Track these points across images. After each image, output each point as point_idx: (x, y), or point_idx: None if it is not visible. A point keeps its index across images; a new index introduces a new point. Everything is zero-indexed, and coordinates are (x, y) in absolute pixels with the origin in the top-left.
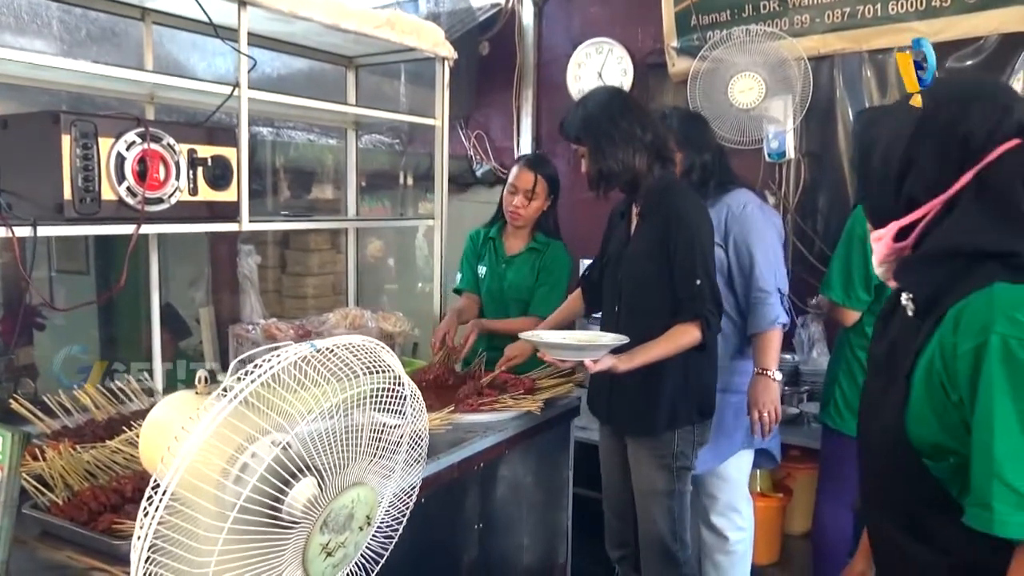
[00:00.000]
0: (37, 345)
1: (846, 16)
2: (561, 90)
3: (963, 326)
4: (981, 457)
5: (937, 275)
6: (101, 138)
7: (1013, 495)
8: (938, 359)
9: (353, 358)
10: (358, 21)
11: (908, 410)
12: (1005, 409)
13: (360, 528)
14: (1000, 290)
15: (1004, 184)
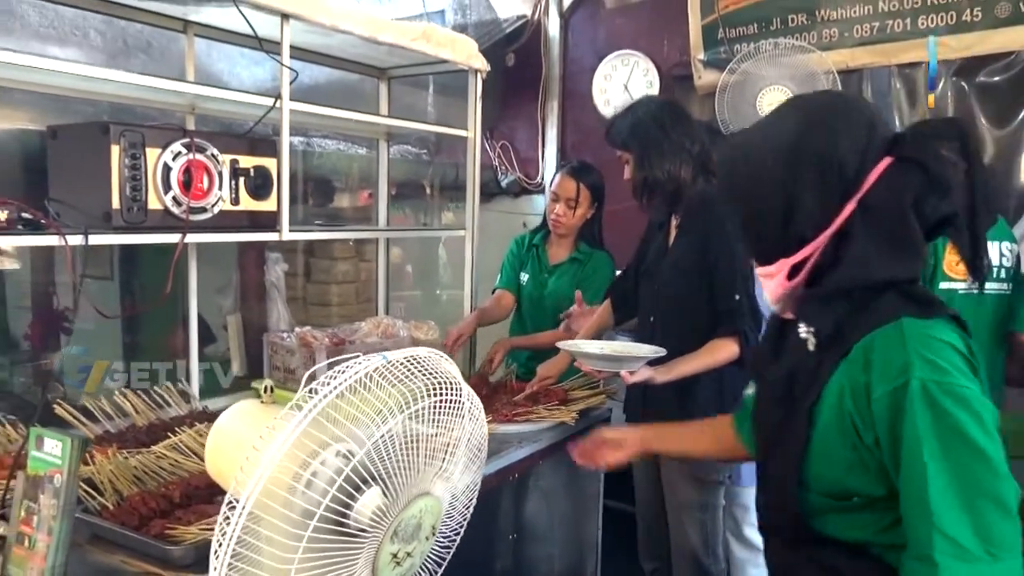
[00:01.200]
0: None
1: (875, 30)
2: (586, 102)
3: (876, 366)
4: (916, 510)
5: (838, 310)
6: (148, 148)
7: (952, 546)
8: (848, 398)
9: (416, 368)
10: (395, 34)
11: (811, 447)
12: (935, 457)
13: (426, 538)
14: (910, 327)
15: (887, 207)
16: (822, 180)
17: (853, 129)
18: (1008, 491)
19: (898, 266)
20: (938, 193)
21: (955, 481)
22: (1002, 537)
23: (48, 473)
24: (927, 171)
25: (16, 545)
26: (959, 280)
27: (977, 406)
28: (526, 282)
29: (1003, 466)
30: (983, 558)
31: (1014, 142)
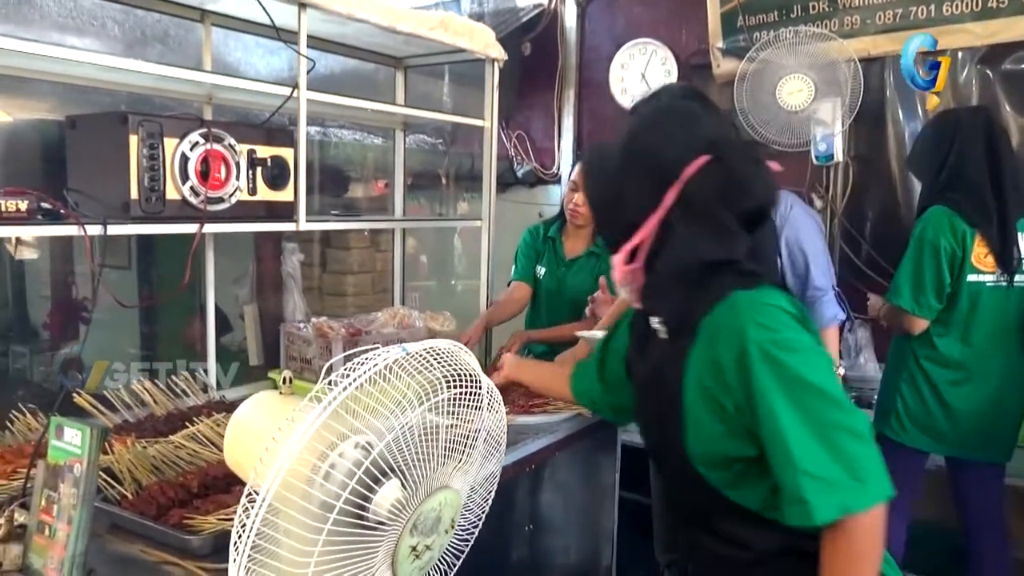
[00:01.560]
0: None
1: (898, 17)
2: (603, 91)
3: (719, 338)
4: (780, 458)
5: (677, 295)
6: (166, 138)
7: (818, 482)
8: (707, 375)
9: (435, 360)
10: (413, 23)
11: (687, 430)
12: (784, 406)
13: (446, 531)
14: (740, 299)
15: (702, 199)
16: (644, 171)
17: (675, 128)
18: (858, 421)
19: (717, 249)
20: (742, 191)
21: (807, 423)
22: (864, 462)
23: (68, 462)
24: (731, 171)
25: (37, 534)
26: (987, 272)
27: (809, 354)
28: (543, 276)
29: (846, 401)
30: (850, 484)
31: None
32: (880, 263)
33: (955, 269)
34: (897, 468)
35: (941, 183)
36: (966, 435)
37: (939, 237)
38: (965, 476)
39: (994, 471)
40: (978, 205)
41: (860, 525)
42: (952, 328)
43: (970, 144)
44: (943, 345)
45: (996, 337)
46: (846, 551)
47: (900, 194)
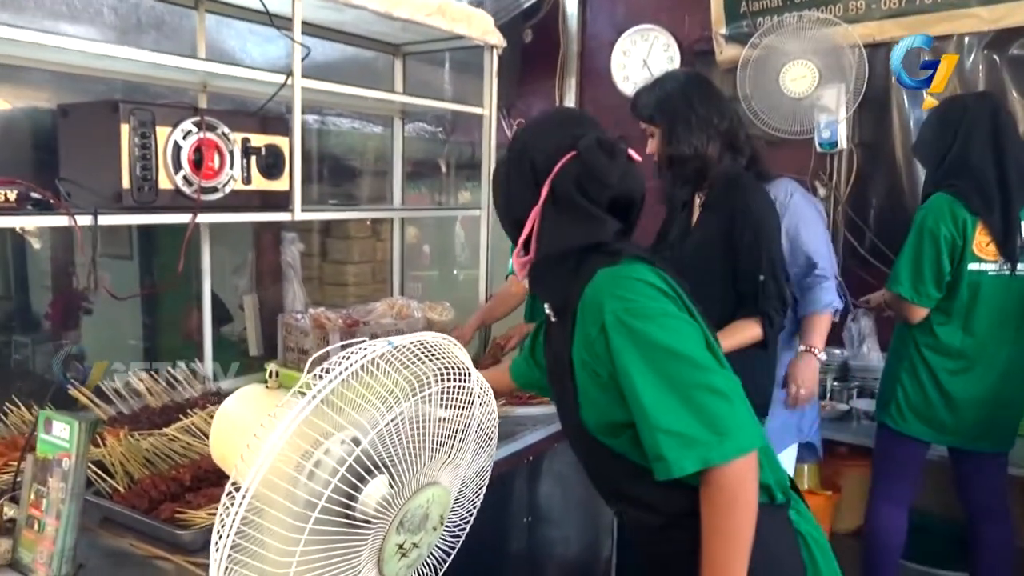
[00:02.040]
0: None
1: (904, 2)
2: (605, 78)
3: (587, 314)
4: (640, 418)
5: (555, 280)
6: (159, 127)
7: (674, 438)
8: (583, 350)
9: (424, 354)
10: (410, 9)
11: (581, 402)
12: (639, 369)
13: (434, 528)
14: (602, 275)
15: (565, 191)
16: (520, 172)
17: (547, 132)
18: (719, 380)
19: (581, 235)
20: (597, 181)
21: (663, 383)
22: (725, 418)
23: (57, 456)
24: (585, 164)
25: (26, 528)
26: (989, 261)
27: (664, 319)
28: None
29: (707, 361)
30: (710, 440)
31: None
32: (884, 251)
33: (955, 258)
34: (897, 457)
35: (945, 170)
36: (967, 425)
37: (939, 225)
38: (967, 466)
39: (996, 460)
40: (981, 192)
41: (724, 477)
42: (953, 317)
43: (975, 131)
44: (944, 334)
45: (997, 326)
46: (715, 502)
47: (905, 182)
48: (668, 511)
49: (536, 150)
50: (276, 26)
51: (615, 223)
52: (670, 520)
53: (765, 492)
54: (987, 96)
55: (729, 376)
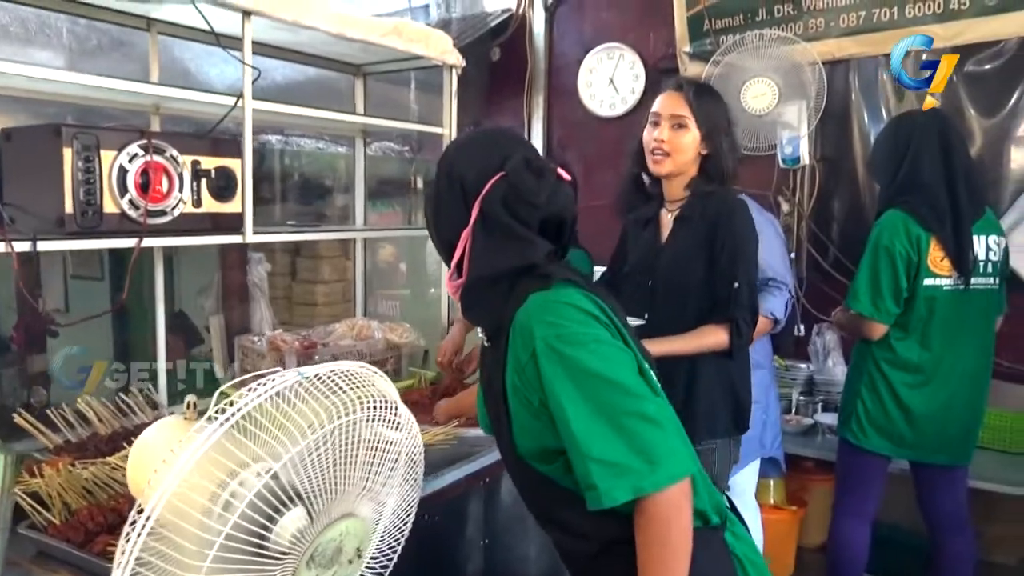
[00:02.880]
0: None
1: (862, 20)
2: (572, 96)
3: (518, 339)
4: (571, 447)
5: (487, 303)
6: (103, 151)
7: (606, 467)
8: (515, 375)
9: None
10: (364, 30)
11: (513, 428)
12: (569, 397)
13: (349, 561)
14: (533, 300)
15: (493, 213)
16: (449, 193)
17: (476, 152)
18: (651, 407)
19: (511, 257)
20: (525, 201)
21: (595, 411)
22: (657, 446)
23: None
24: (513, 185)
25: None
26: (944, 276)
27: (595, 346)
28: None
29: (638, 388)
30: (642, 468)
31: (1002, 131)
32: (847, 265)
33: (911, 273)
34: (859, 472)
35: (897, 186)
36: (926, 439)
37: (894, 242)
38: (928, 479)
39: (957, 473)
40: (932, 208)
41: (657, 505)
42: (911, 332)
43: (924, 148)
44: (902, 349)
45: (954, 340)
46: (649, 531)
47: (866, 196)
48: (601, 539)
49: (466, 170)
50: (223, 47)
51: (546, 244)
52: (603, 548)
53: (699, 516)
54: (936, 113)
55: (661, 403)
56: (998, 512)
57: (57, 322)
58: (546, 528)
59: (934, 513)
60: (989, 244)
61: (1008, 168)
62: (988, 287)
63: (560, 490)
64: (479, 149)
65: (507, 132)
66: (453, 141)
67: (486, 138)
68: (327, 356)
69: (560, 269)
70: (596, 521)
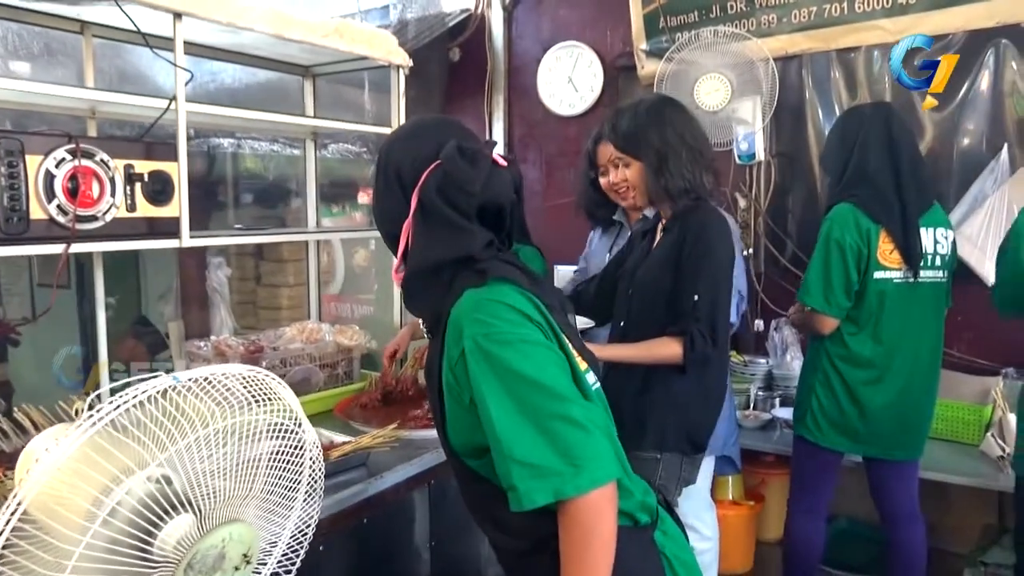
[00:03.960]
0: (11, 362)
1: (813, 15)
2: (532, 94)
3: (449, 336)
4: (494, 446)
5: (424, 296)
6: (28, 156)
7: (525, 469)
8: (447, 371)
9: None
10: (304, 31)
11: (447, 423)
12: (495, 396)
13: (236, 568)
14: (467, 297)
15: (430, 202)
16: (388, 185)
17: (411, 142)
18: (577, 411)
19: (448, 247)
20: (459, 189)
21: (519, 412)
22: (581, 449)
23: None
24: (447, 172)
25: None
26: (893, 269)
27: (523, 346)
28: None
29: (566, 391)
30: (564, 471)
31: (952, 124)
32: (804, 260)
33: (862, 267)
34: (814, 469)
35: (846, 180)
36: (881, 435)
37: (844, 235)
38: (880, 473)
39: (909, 467)
40: (880, 201)
41: (579, 509)
42: (862, 326)
43: (871, 140)
44: (854, 344)
45: (904, 334)
46: (571, 534)
47: (821, 191)
48: (531, 536)
49: (402, 161)
50: (151, 47)
51: (486, 233)
52: (533, 545)
53: (627, 516)
54: (881, 106)
55: (590, 407)
56: (952, 502)
57: (17, 331)
58: (480, 525)
59: (887, 505)
60: (937, 237)
61: (957, 160)
62: (937, 280)
63: (491, 487)
64: (414, 139)
65: (442, 120)
66: (391, 133)
67: (421, 128)
68: (275, 360)
69: (498, 265)
70: (526, 519)
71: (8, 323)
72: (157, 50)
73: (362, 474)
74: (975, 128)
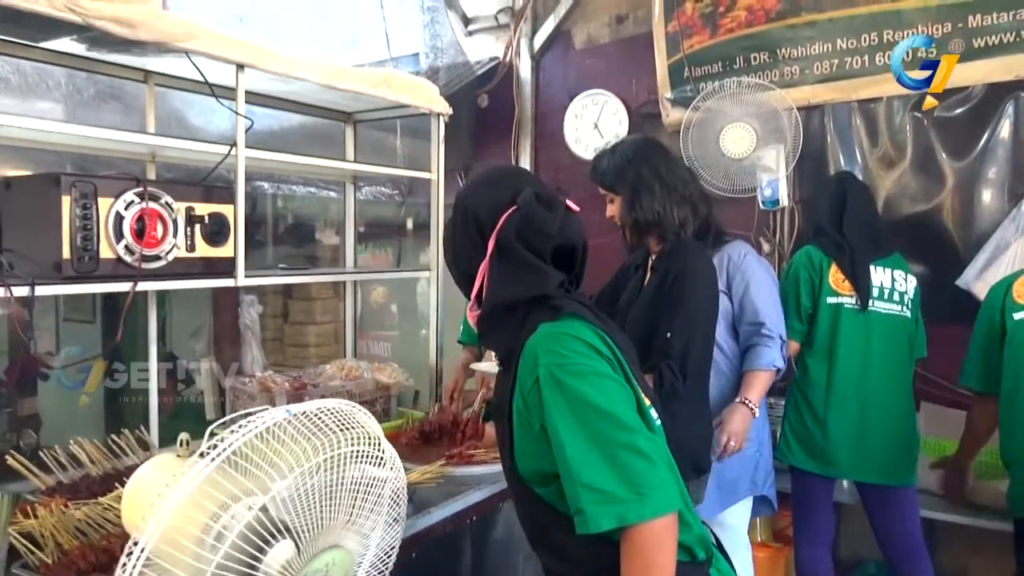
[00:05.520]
0: (41, 395)
1: (835, 67)
2: (558, 140)
3: (524, 366)
4: (564, 471)
5: (500, 331)
6: (101, 198)
7: (594, 494)
8: (520, 399)
9: (332, 420)
10: (354, 81)
11: (515, 450)
12: (566, 424)
13: None
14: (541, 330)
15: (508, 244)
16: (466, 229)
17: (489, 189)
18: (643, 441)
19: (524, 286)
20: (537, 232)
21: (588, 440)
22: (647, 479)
23: None
24: (525, 217)
25: None
26: (846, 296)
27: (595, 378)
28: None
29: (633, 422)
30: (629, 499)
31: (971, 174)
32: None
33: (815, 293)
34: (801, 492)
35: (811, 232)
36: (842, 455)
37: (799, 269)
38: (868, 501)
39: (894, 495)
40: (832, 243)
41: (641, 536)
42: (817, 349)
43: (827, 203)
44: (812, 365)
45: (858, 358)
46: (632, 562)
47: None
48: (591, 565)
49: (479, 206)
50: (217, 96)
51: (558, 274)
52: (591, 574)
53: (686, 551)
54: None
55: (654, 439)
56: (981, 546)
57: (48, 365)
58: (537, 551)
59: (883, 536)
60: (895, 276)
61: (978, 209)
62: (894, 313)
63: (556, 514)
64: (491, 186)
65: (515, 169)
66: (466, 181)
67: (498, 175)
68: (317, 397)
69: (570, 302)
70: (589, 547)
71: (38, 357)
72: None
73: (409, 510)
74: (995, 178)
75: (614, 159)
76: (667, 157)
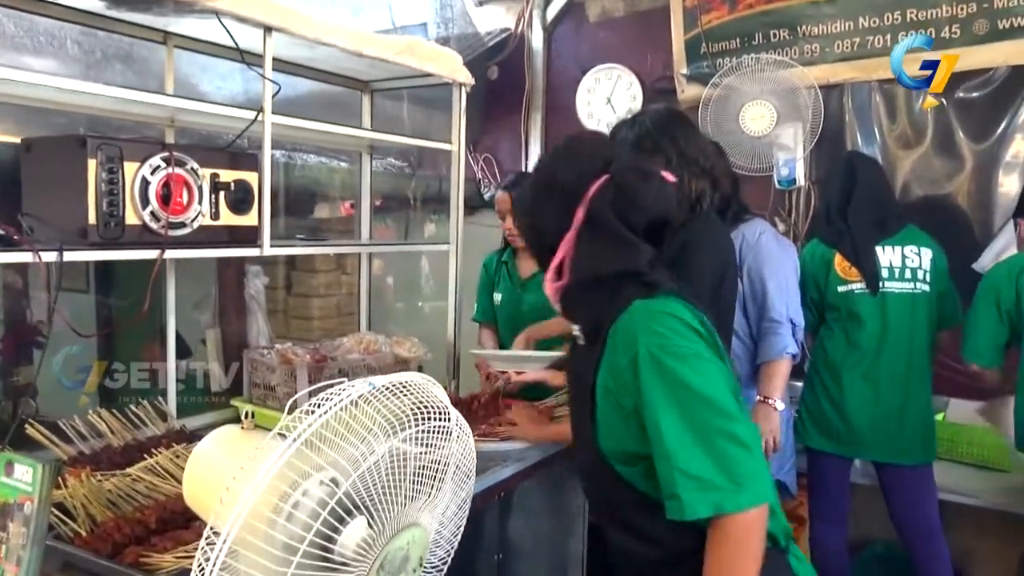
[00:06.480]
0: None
1: (856, 46)
2: (570, 115)
3: (618, 343)
4: (660, 455)
5: (588, 305)
6: (127, 162)
7: (692, 480)
8: (610, 378)
9: (404, 394)
10: (380, 48)
11: (597, 426)
12: (665, 407)
13: (413, 570)
14: (638, 307)
15: (600, 215)
16: (549, 199)
17: (574, 157)
18: (741, 429)
19: (618, 260)
20: (633, 204)
21: (687, 424)
22: (745, 468)
23: (18, 500)
24: (620, 187)
25: None
26: (855, 282)
27: (696, 361)
28: (500, 301)
29: (732, 408)
30: (726, 487)
31: (991, 157)
32: None
33: (822, 286)
34: (815, 472)
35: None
36: (857, 434)
37: (805, 264)
38: (883, 481)
39: (910, 475)
40: (834, 231)
41: (734, 525)
42: (836, 331)
43: (837, 186)
44: (831, 348)
45: (876, 340)
46: (721, 549)
47: None
48: (670, 547)
49: (566, 176)
50: (247, 63)
51: (650, 249)
52: (669, 557)
53: (771, 538)
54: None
55: (751, 426)
56: (987, 529)
57: (43, 333)
58: (610, 529)
59: (898, 517)
60: (905, 253)
61: (997, 192)
62: (909, 292)
63: (636, 493)
64: (579, 154)
65: (603, 137)
66: (549, 151)
67: (582, 144)
68: (335, 370)
69: (665, 279)
70: (669, 530)
71: (34, 325)
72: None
73: None
74: (1015, 161)
75: (634, 129)
76: (689, 129)
